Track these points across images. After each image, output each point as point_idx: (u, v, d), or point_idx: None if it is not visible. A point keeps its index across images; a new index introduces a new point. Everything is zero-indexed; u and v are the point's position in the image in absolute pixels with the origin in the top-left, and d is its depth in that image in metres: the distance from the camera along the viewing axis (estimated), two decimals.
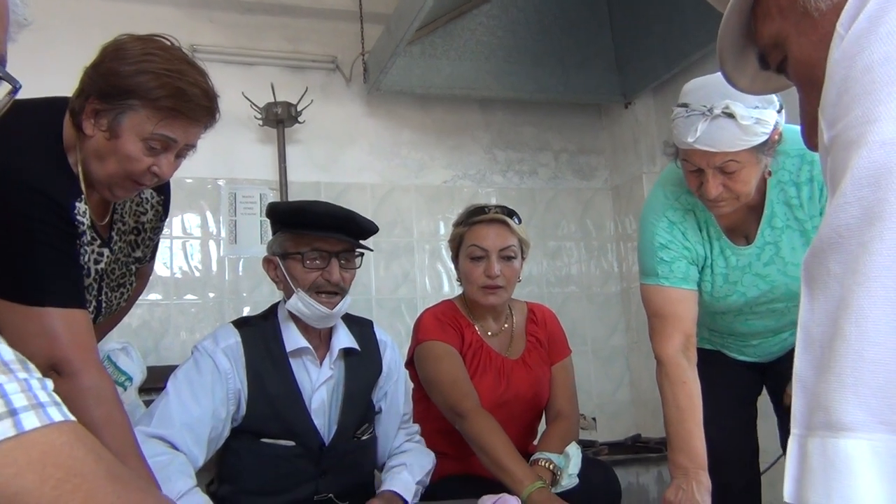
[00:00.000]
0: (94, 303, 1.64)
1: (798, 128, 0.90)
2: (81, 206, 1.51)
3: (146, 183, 1.53)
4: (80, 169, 1.50)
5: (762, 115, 1.61)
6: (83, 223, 1.52)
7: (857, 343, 0.54)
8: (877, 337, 0.53)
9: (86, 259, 1.56)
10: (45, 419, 0.68)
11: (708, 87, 1.63)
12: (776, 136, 1.67)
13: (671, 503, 1.71)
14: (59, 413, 0.70)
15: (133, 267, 1.78)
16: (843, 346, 0.54)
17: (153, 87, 1.41)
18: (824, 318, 0.57)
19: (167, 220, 1.88)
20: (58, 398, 0.71)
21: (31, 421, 0.67)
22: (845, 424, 0.54)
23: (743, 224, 1.87)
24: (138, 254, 1.79)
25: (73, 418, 0.71)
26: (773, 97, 1.65)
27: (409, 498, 1.84)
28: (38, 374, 0.72)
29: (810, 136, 0.76)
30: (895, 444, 0.52)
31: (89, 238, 1.56)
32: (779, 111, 1.67)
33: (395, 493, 1.83)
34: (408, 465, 1.91)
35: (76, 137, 1.49)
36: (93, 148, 1.47)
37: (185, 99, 1.43)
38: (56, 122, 1.50)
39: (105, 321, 1.77)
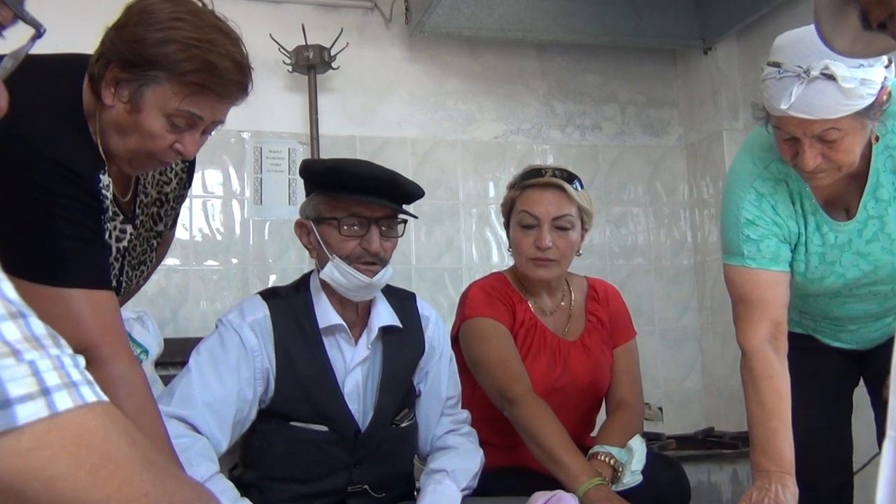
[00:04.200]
0: (114, 283, 1.66)
1: None
2: (105, 179, 1.53)
3: (167, 161, 1.55)
4: (98, 139, 1.51)
5: (867, 75, 1.57)
6: (107, 197, 1.54)
7: None
8: None
9: (107, 236, 1.59)
10: (78, 399, 0.71)
11: (804, 43, 1.59)
12: (884, 97, 1.64)
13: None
14: (92, 393, 0.73)
15: (154, 242, 1.81)
16: None
17: (180, 59, 1.41)
18: None
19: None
20: (90, 377, 0.75)
21: (64, 401, 0.70)
22: None
23: (843, 195, 1.85)
24: (160, 227, 1.82)
25: (105, 399, 0.75)
26: None
27: None
28: (70, 351, 0.75)
29: None
30: None
31: (111, 214, 1.58)
32: (887, 67, 1.63)
33: None
34: (450, 472, 1.91)
35: (95, 104, 1.49)
36: (112, 119, 1.48)
37: (215, 73, 1.43)
38: (76, 84, 1.51)
39: (120, 297, 1.81)
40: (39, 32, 0.85)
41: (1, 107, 0.85)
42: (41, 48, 0.98)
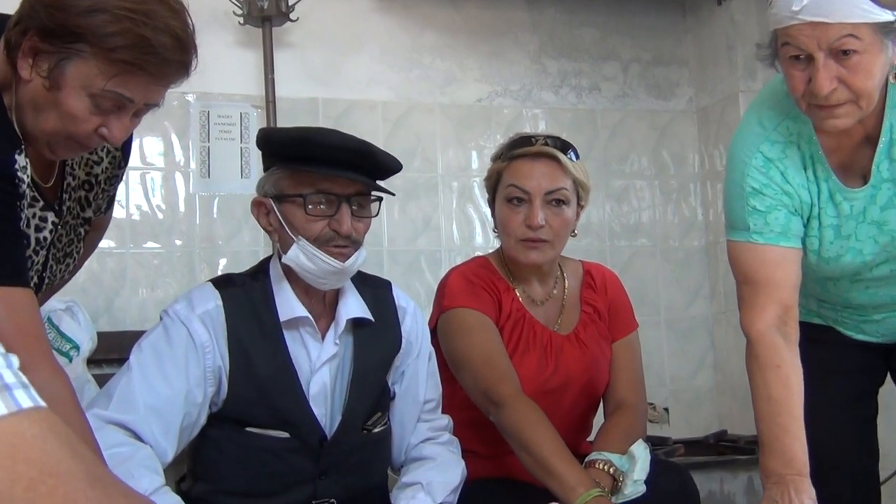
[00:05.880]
0: (35, 278, 1.65)
1: None
2: (22, 160, 1.50)
3: (91, 146, 1.55)
4: (14, 115, 1.50)
5: None
6: (23, 181, 1.51)
7: None
8: None
9: (24, 225, 1.57)
10: (12, 405, 0.72)
11: None
12: None
13: None
14: (27, 398, 0.74)
15: (81, 231, 1.81)
16: None
17: (110, 32, 1.39)
18: None
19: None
20: (25, 379, 0.75)
21: None
22: None
23: (860, 159, 1.86)
24: (88, 213, 1.81)
25: (43, 404, 0.75)
26: None
27: None
28: (2, 349, 0.76)
29: None
30: None
31: (29, 200, 1.56)
32: None
33: None
34: (425, 485, 1.93)
35: (12, 76, 1.47)
36: (29, 95, 1.46)
37: (149, 51, 1.41)
38: None
39: (42, 295, 1.79)
40: None
41: None
42: None
